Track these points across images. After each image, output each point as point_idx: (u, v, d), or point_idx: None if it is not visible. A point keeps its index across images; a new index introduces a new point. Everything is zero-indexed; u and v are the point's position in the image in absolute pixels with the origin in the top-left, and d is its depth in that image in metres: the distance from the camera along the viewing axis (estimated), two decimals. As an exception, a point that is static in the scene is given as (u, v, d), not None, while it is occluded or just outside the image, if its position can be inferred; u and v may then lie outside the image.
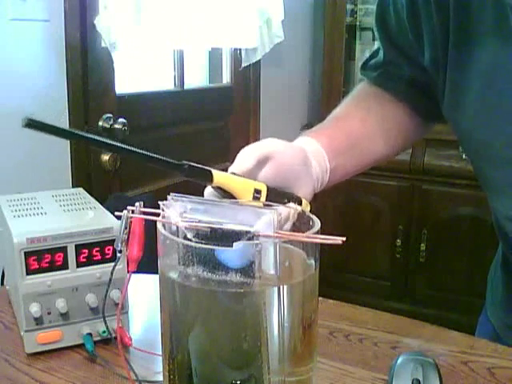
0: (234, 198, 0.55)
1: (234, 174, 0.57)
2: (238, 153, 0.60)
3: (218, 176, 0.54)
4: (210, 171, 0.53)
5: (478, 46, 0.64)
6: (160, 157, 0.49)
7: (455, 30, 0.65)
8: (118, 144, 0.48)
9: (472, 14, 0.63)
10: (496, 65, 0.63)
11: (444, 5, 0.65)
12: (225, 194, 0.55)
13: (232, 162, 0.59)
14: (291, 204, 0.54)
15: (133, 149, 0.48)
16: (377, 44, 0.83)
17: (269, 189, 0.58)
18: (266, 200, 0.57)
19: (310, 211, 0.58)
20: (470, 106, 0.67)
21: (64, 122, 1.51)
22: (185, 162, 0.50)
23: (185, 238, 0.44)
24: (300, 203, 0.61)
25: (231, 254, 0.41)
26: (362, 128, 0.78)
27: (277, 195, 0.58)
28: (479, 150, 0.71)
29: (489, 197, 0.75)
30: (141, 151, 0.48)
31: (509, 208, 0.71)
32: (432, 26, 0.67)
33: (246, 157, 0.59)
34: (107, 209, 0.73)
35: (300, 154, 0.65)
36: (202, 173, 0.53)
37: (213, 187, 0.55)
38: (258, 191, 0.57)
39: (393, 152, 0.83)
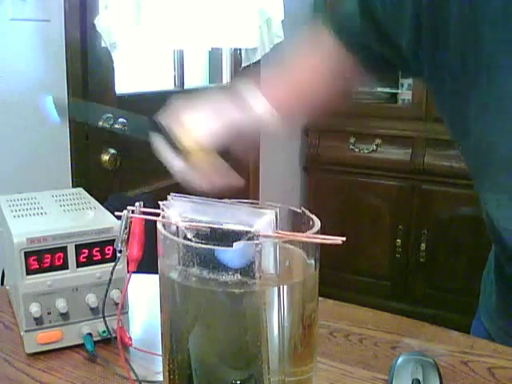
0: None
1: None
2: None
3: None
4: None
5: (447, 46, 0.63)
6: None
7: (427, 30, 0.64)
8: None
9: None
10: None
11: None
12: None
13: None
14: None
15: None
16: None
17: None
18: None
19: None
20: (471, 108, 0.64)
21: (64, 122, 1.51)
22: None
23: (185, 238, 0.44)
24: None
25: (231, 254, 0.41)
26: (309, 76, 0.80)
27: None
28: (480, 153, 0.68)
29: (488, 206, 0.72)
30: None
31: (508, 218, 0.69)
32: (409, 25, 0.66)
33: None
34: (107, 209, 0.73)
35: None
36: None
37: None
38: None
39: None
